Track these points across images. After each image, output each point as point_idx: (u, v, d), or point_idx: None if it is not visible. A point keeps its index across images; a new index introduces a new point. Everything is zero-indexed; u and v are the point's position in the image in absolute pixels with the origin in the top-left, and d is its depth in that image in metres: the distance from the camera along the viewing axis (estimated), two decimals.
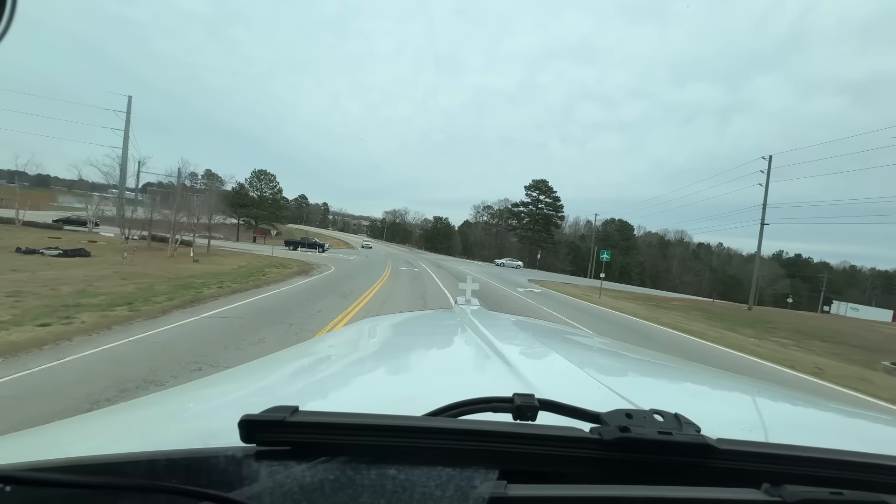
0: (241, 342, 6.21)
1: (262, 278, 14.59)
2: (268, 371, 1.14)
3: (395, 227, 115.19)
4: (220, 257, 22.46)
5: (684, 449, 0.48)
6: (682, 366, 1.58)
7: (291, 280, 15.13)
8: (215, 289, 11.00)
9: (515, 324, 1.98)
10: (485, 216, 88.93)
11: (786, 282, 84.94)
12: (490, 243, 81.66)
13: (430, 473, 0.43)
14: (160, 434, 0.70)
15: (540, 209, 75.53)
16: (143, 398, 0.96)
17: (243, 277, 14.28)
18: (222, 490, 0.41)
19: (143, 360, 5.07)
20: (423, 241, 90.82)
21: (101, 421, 0.82)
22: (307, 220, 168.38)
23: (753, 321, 20.66)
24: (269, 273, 16.54)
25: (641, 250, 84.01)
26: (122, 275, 12.22)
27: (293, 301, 10.51)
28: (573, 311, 15.69)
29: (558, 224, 78.52)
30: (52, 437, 0.72)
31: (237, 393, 0.98)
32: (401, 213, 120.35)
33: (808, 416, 1.04)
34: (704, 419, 0.54)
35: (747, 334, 14.90)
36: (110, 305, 7.76)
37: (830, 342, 15.52)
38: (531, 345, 1.50)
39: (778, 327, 19.06)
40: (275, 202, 51.54)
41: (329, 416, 0.48)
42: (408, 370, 1.16)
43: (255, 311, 8.82)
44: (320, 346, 1.47)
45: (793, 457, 0.50)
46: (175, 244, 23.18)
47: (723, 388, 1.28)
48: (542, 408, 0.53)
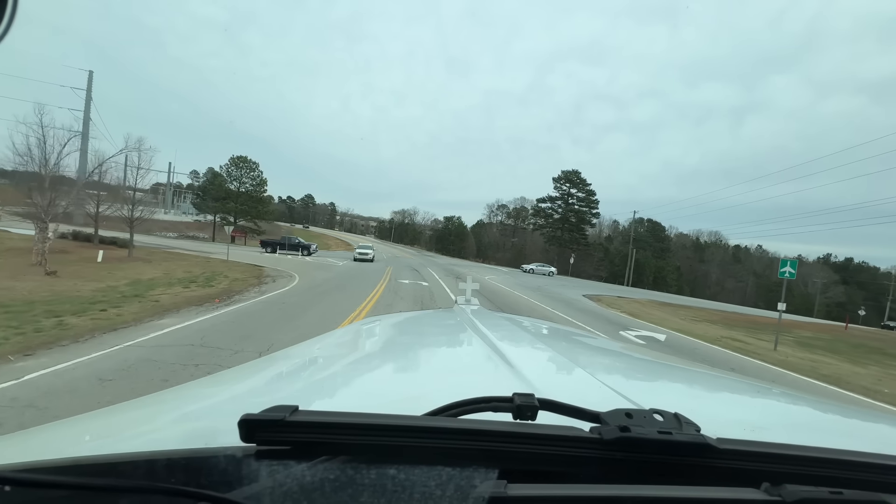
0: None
1: (127, 310, 7.39)
2: (267, 371, 1.15)
3: (404, 227, 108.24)
4: (135, 263, 15.36)
5: (684, 448, 0.47)
6: (682, 366, 1.59)
7: (191, 313, 7.89)
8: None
9: (515, 323, 1.92)
10: (500, 216, 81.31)
11: (839, 289, 75.88)
12: (506, 245, 73.92)
13: (430, 473, 0.43)
14: (160, 434, 0.70)
15: (571, 205, 64.15)
16: (143, 398, 0.94)
17: (82, 308, 7.15)
18: (222, 490, 0.41)
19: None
20: (434, 243, 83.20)
21: (101, 420, 0.82)
22: (313, 220, 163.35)
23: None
24: (167, 295, 9.33)
25: (674, 253, 75.35)
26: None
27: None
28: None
29: (592, 223, 66.92)
30: (52, 437, 0.72)
31: (237, 393, 0.97)
32: (410, 214, 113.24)
33: (807, 416, 1.05)
34: (704, 419, 0.54)
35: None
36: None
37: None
38: (531, 344, 1.48)
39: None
40: (255, 195, 42.75)
41: (329, 415, 0.48)
42: (408, 370, 1.16)
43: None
44: (320, 346, 1.44)
45: (792, 456, 0.50)
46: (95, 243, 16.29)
47: (723, 387, 1.29)
48: (542, 407, 0.53)
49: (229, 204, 39.59)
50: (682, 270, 71.76)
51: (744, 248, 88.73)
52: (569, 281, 37.95)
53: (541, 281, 31.42)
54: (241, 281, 13.20)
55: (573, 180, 63.78)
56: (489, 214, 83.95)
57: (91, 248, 18.09)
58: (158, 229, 52.90)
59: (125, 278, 11.56)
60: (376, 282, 16.72)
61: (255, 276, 14.63)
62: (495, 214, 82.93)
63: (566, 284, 31.37)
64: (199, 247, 28.33)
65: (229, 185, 40.85)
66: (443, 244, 76.16)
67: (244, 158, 41.62)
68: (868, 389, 8.32)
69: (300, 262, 22.90)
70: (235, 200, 40.77)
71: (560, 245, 61.15)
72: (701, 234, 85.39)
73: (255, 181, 42.56)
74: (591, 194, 63.81)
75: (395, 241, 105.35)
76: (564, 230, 63.08)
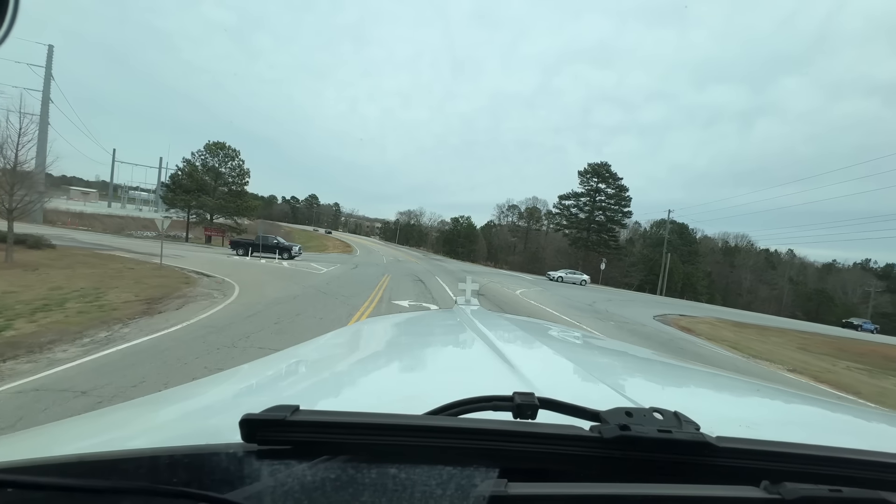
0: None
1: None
2: (268, 370, 1.14)
3: (410, 228, 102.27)
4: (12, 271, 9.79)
5: (684, 447, 0.48)
6: (682, 364, 1.58)
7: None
8: None
9: (515, 323, 1.92)
10: (510, 216, 75.19)
11: (885, 297, 68.92)
12: (518, 248, 67.90)
13: (430, 472, 0.43)
14: (161, 433, 0.70)
15: (599, 202, 55.84)
16: (144, 398, 0.94)
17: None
18: (223, 489, 0.41)
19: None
20: (441, 245, 77.12)
21: (102, 420, 0.82)
22: (317, 220, 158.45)
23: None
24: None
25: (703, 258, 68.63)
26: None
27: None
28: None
29: (623, 223, 58.08)
30: (53, 435, 0.72)
31: (238, 392, 0.96)
32: (416, 215, 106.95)
33: (807, 414, 1.05)
34: (704, 417, 0.54)
35: None
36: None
37: None
38: (531, 344, 1.47)
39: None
40: (234, 188, 35.64)
41: (330, 415, 0.48)
42: (408, 370, 1.16)
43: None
44: (321, 346, 1.43)
45: (792, 454, 0.50)
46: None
47: (722, 386, 1.29)
48: (542, 406, 0.53)
49: (202, 197, 33.23)
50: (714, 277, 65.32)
51: (773, 251, 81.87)
52: (612, 294, 31.82)
53: (580, 294, 25.39)
54: (127, 306, 7.61)
55: (602, 174, 55.46)
56: (499, 215, 77.74)
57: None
58: (136, 227, 48.11)
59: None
60: (358, 305, 10.86)
61: (165, 294, 9.02)
62: (506, 215, 76.79)
63: (612, 298, 25.30)
64: (152, 248, 22.84)
65: (204, 176, 34.40)
66: (450, 246, 69.91)
67: (221, 145, 34.98)
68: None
69: (269, 270, 17.27)
70: (211, 194, 34.32)
71: (586, 248, 53.87)
72: (727, 238, 78.55)
73: (234, 171, 36.00)
74: (623, 190, 55.34)
75: (401, 242, 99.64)
76: (591, 231, 55.36)
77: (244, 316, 7.99)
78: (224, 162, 35.52)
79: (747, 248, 76.56)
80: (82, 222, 39.76)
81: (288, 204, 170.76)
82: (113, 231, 36.53)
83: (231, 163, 35.70)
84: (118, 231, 37.54)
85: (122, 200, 75.10)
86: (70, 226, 35.72)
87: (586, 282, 36.41)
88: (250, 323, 7.47)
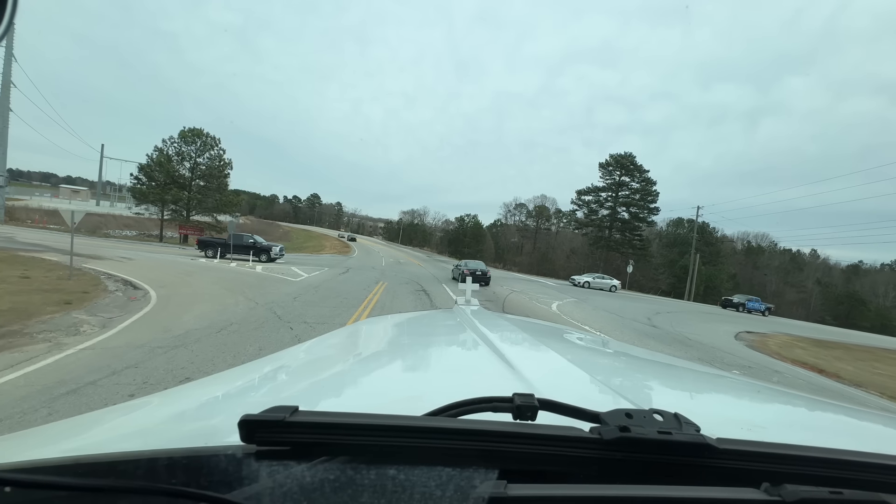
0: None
1: None
2: (268, 371, 1.14)
3: (413, 228, 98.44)
4: None
5: (684, 448, 0.47)
6: (682, 365, 1.58)
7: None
8: None
9: (515, 324, 1.91)
10: (518, 215, 71.11)
11: None
12: (527, 248, 63.88)
13: (430, 473, 0.43)
14: (160, 434, 0.70)
15: (622, 198, 49.34)
16: (143, 398, 0.93)
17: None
18: (222, 490, 0.41)
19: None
20: (445, 245, 73.08)
21: (101, 420, 0.82)
22: (319, 220, 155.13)
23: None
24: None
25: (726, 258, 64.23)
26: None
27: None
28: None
29: (649, 220, 50.79)
30: (53, 436, 0.72)
31: (237, 393, 0.96)
32: (419, 214, 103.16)
33: (807, 416, 1.04)
34: (704, 419, 0.54)
35: None
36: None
37: None
38: (531, 345, 1.47)
39: None
40: (212, 181, 31.40)
41: (329, 416, 0.47)
42: (408, 370, 1.15)
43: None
44: (320, 346, 1.42)
45: (792, 456, 0.49)
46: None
47: (722, 387, 1.28)
48: (542, 407, 0.53)
49: (174, 191, 29.26)
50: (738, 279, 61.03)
51: (795, 252, 77.26)
52: (653, 303, 27.67)
53: (621, 305, 21.32)
54: None
55: (626, 166, 48.60)
56: (506, 214, 73.67)
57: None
58: (117, 226, 44.72)
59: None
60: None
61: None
62: (513, 214, 72.76)
63: (659, 310, 21.16)
64: (108, 250, 19.17)
65: (178, 168, 30.28)
66: (456, 247, 65.74)
67: (198, 132, 30.59)
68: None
69: (230, 276, 13.49)
70: (186, 188, 30.33)
71: (608, 248, 48.36)
72: (748, 237, 73.94)
73: (213, 162, 31.76)
74: (650, 184, 48.42)
75: (404, 242, 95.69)
76: (613, 229, 49.35)
77: (60, 393, 4.14)
78: (201, 151, 31.40)
79: (770, 248, 72.05)
80: (53, 220, 36.34)
81: (290, 203, 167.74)
82: (87, 231, 33.04)
83: (209, 152, 31.61)
84: (93, 231, 34.06)
85: (111, 199, 71.90)
86: (37, 224, 32.26)
87: (616, 287, 31.58)
88: (52, 415, 3.62)
